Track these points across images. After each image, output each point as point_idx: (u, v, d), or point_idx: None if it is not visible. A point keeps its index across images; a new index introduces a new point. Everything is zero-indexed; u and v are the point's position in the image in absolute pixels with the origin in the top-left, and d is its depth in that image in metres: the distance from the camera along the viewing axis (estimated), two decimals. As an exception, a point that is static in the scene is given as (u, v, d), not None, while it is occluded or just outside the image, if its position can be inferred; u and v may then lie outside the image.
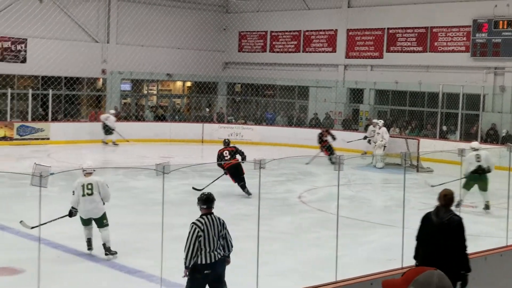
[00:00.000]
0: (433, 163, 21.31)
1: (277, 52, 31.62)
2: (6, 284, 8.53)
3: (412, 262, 7.13)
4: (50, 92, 26.35)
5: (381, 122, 22.71)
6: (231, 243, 7.53)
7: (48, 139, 24.99)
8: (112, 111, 26.19)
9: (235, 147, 16.85)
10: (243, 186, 15.84)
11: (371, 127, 23.78)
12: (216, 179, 15.96)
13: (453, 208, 7.10)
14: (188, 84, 33.56)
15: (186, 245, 7.25)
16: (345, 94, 29.46)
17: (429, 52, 26.81)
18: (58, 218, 9.91)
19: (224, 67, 33.32)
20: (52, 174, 5.29)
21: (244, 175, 15.78)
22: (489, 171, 14.44)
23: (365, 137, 23.61)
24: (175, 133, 27.58)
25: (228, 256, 7.53)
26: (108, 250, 9.92)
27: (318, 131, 23.13)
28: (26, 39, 27.11)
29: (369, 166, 21.62)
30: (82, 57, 28.38)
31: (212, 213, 7.48)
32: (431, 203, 15.76)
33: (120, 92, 30.59)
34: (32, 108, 25.90)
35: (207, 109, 31.30)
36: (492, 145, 21.54)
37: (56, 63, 27.40)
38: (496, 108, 25.28)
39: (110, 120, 25.26)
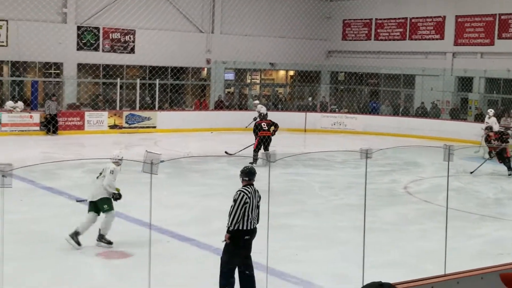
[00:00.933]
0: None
1: (382, 40, 31.04)
2: (116, 267, 8.83)
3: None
4: (157, 81, 27.08)
5: (491, 111, 21.82)
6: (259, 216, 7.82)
7: (154, 127, 25.71)
8: (257, 101, 25.62)
9: (271, 120, 19.03)
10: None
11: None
12: (248, 147, 18.40)
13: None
14: (291, 73, 33.56)
15: (232, 211, 7.50)
16: (453, 83, 28.54)
17: (544, 38, 25.55)
18: None
19: (327, 56, 33.08)
20: (162, 161, 5.40)
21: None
22: None
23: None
24: (277, 122, 27.62)
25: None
26: (101, 238, 9.74)
27: (426, 120, 22.47)
28: (134, 30, 27.98)
29: (478, 157, 20.86)
30: (187, 47, 28.99)
31: (253, 185, 7.78)
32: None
33: (223, 82, 31.01)
34: (139, 97, 26.72)
35: (310, 98, 31.20)
36: None
37: (163, 54, 28.15)
38: None
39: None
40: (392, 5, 30.36)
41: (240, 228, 7.53)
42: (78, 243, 9.47)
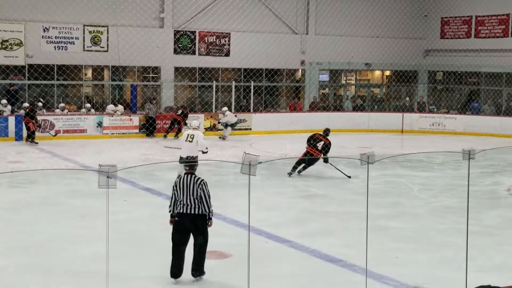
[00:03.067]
0: None
1: (483, 37, 30.04)
2: (215, 267, 8.95)
3: None
4: (252, 84, 27.32)
5: None
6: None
7: (250, 129, 25.94)
8: (225, 108, 24.51)
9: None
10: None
11: None
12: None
13: None
14: (387, 73, 33.06)
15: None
16: (558, 80, 27.28)
17: None
18: None
19: (425, 55, 32.35)
20: (260, 163, 5.42)
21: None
22: None
23: None
24: (374, 123, 27.32)
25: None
26: None
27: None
28: (229, 33, 28.37)
29: None
30: (282, 49, 29.10)
31: (193, 174, 8.39)
32: None
33: (318, 83, 30.92)
34: (235, 99, 27.03)
35: (407, 98, 30.60)
36: None
37: (257, 56, 28.38)
38: None
39: (228, 116, 23.73)
40: (493, 0, 29.33)
41: (174, 211, 8.38)
42: None
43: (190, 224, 8.30)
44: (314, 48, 30.04)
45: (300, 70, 30.85)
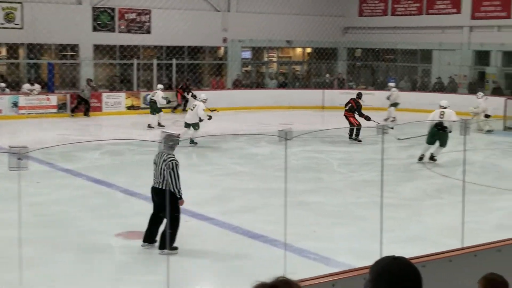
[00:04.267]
0: None
1: (399, 15, 30.73)
2: (136, 247, 8.94)
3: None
4: (174, 61, 27.08)
5: (479, 94, 21.87)
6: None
7: (174, 107, 25.72)
8: (160, 86, 22.34)
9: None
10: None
11: None
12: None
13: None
14: (308, 50, 33.42)
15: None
16: (470, 57, 28.26)
17: None
18: None
19: (344, 32, 32.86)
20: (180, 141, 5.43)
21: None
22: (449, 130, 15.29)
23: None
24: (295, 100, 27.62)
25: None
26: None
27: (444, 95, 22.37)
28: (150, 10, 27.97)
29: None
30: (203, 26, 28.93)
31: (167, 153, 8.59)
32: None
33: (240, 60, 30.97)
34: (157, 77, 26.76)
35: (328, 75, 31.07)
36: None
37: (179, 33, 28.12)
38: None
39: (158, 95, 21.37)
40: (409, -21, 30.04)
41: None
42: None
43: (157, 199, 8.62)
44: (236, 26, 30.00)
45: (222, 48, 30.79)
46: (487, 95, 22.90)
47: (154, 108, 21.35)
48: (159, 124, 21.20)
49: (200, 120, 17.33)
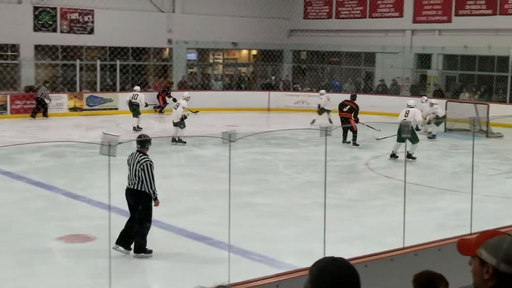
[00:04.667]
0: (503, 128, 20.71)
1: (343, 18, 31.12)
2: (79, 251, 8.80)
3: (481, 228, 6.97)
4: (118, 62, 26.78)
5: (423, 98, 22.31)
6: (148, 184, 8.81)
7: (116, 109, 25.47)
8: (137, 88, 22.50)
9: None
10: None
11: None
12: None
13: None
14: (254, 52, 33.51)
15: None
16: (412, 60, 28.83)
17: (499, 15, 25.87)
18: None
19: (289, 35, 33.07)
20: (120, 143, 5.35)
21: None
22: (417, 128, 16.94)
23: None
24: (241, 102, 27.66)
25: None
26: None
27: (386, 97, 22.74)
28: (93, 10, 27.57)
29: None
30: (148, 27, 28.68)
31: (142, 152, 8.78)
32: (500, 169, 15.47)
33: (186, 62, 30.84)
34: (100, 78, 26.40)
35: (273, 77, 31.22)
36: None
37: (123, 34, 27.80)
38: None
39: (139, 97, 21.34)
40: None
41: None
42: None
43: (131, 200, 8.60)
44: (181, 27, 29.83)
45: (167, 49, 30.59)
46: (428, 97, 23.37)
47: (136, 110, 21.17)
48: (138, 127, 20.83)
49: (184, 118, 17.92)
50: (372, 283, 6.12)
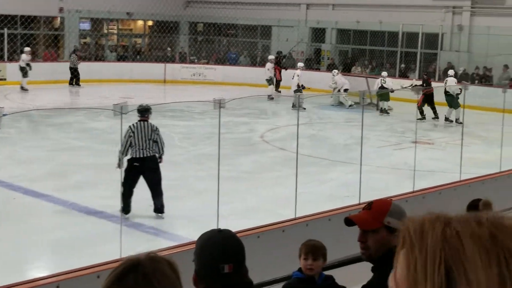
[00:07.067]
0: (392, 101, 21.45)
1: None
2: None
3: (370, 198, 7.23)
4: (6, 31, 25.58)
5: (334, 71, 22.92)
6: (162, 147, 9.37)
7: (4, 79, 24.40)
8: (27, 48, 24.17)
9: None
10: None
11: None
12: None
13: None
14: (150, 23, 32.94)
15: (121, 143, 8.80)
16: (307, 34, 29.29)
17: (390, -9, 26.74)
18: None
19: (186, 6, 32.71)
20: (4, 115, 5.15)
21: None
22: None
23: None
24: (136, 74, 27.19)
25: (160, 157, 9.39)
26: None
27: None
28: (-22, -24, 26.16)
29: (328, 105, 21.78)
30: (38, -6, 27.54)
31: (147, 120, 9.20)
32: (390, 141, 16.08)
33: (78, 32, 29.89)
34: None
35: (169, 49, 30.85)
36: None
37: (11, 1, 26.53)
38: (453, 47, 25.56)
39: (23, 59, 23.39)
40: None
41: (130, 157, 8.94)
42: None
43: (145, 166, 8.96)
44: (73, -5, 28.84)
45: (58, 18, 29.50)
46: (322, 71, 23.86)
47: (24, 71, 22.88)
48: (23, 88, 22.36)
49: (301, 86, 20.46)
50: (264, 253, 6.24)
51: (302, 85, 21.11)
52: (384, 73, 21.85)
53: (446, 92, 18.79)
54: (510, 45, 23.19)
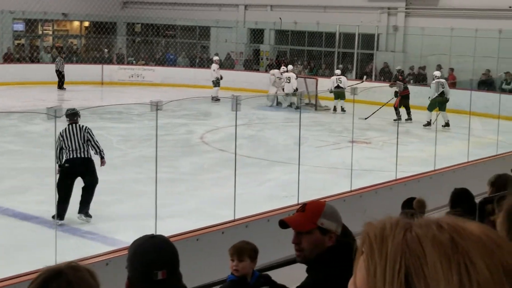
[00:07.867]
0: (331, 101, 21.72)
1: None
2: None
3: (308, 197, 7.30)
4: None
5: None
6: (98, 146, 9.35)
7: None
8: None
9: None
10: None
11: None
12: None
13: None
14: (86, 24, 32.42)
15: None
16: (245, 35, 29.37)
17: (327, -8, 27.09)
18: None
19: (123, 7, 32.33)
20: None
21: None
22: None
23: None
24: (73, 75, 26.69)
25: (102, 158, 9.49)
26: None
27: (221, 71, 23.11)
28: None
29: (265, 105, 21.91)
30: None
31: (76, 123, 9.18)
32: (328, 141, 16.28)
33: (12, 33, 29.17)
34: None
35: (106, 50, 30.43)
36: (385, 83, 22.28)
37: None
38: (389, 47, 26.08)
39: None
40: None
41: (64, 158, 8.98)
42: None
43: (81, 167, 8.99)
44: (5, -5, 28.11)
45: (-9, 19, 28.73)
46: (261, 71, 23.90)
47: None
48: None
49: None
50: (203, 255, 6.23)
51: (220, 77, 21.65)
52: (338, 71, 22.14)
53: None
54: (444, 45, 23.80)
